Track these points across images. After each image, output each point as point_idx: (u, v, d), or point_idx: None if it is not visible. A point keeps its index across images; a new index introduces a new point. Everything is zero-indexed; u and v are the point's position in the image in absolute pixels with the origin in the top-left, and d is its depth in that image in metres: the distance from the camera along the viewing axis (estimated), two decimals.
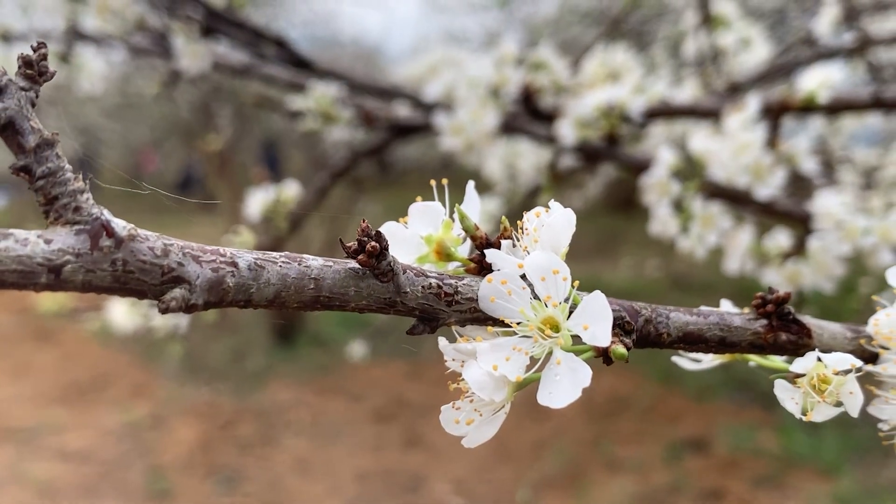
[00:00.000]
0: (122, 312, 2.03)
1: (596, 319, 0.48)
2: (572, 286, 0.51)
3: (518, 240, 0.56)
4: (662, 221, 1.49)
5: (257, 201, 1.81)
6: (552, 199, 0.55)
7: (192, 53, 1.72)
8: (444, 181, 0.60)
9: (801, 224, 1.49)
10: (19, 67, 0.44)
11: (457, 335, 0.55)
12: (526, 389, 0.53)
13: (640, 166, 1.60)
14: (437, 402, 0.53)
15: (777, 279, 1.47)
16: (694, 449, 3.99)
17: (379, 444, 4.08)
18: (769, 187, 1.45)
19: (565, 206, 0.55)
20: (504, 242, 0.56)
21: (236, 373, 5.05)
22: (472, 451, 0.55)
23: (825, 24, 2.12)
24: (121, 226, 0.44)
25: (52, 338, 5.56)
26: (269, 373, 5.06)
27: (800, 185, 1.73)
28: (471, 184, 0.59)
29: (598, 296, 0.49)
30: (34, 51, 0.45)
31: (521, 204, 2.31)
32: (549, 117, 1.80)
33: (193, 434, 4.13)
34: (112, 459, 3.84)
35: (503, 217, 0.56)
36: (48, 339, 5.55)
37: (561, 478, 3.73)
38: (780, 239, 1.52)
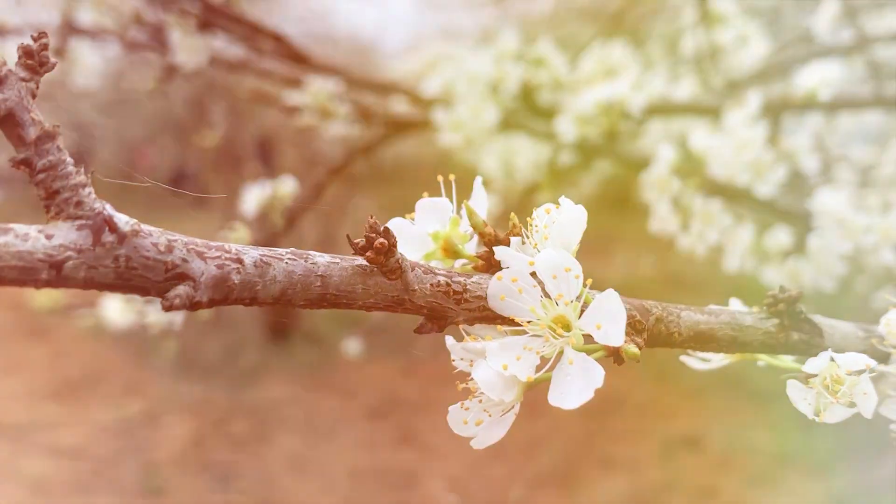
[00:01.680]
0: (116, 309, 2.02)
1: (609, 319, 0.47)
2: (584, 284, 0.50)
3: (527, 237, 0.55)
4: (663, 219, 1.48)
5: (254, 197, 1.79)
6: (563, 196, 0.53)
7: (190, 48, 1.70)
8: (452, 177, 0.59)
9: (802, 222, 1.48)
10: (19, 58, 0.43)
11: (464, 334, 0.54)
12: None
13: (640, 163, 1.59)
14: (431, 400, 0.52)
15: (777, 277, 1.46)
16: (688, 447, 3.99)
17: (373, 442, 4.07)
18: (770, 185, 1.45)
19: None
20: (513, 239, 0.55)
21: (230, 369, 5.03)
22: (466, 448, 0.54)
23: (825, 21, 2.11)
24: (123, 221, 0.43)
25: (45, 334, 5.53)
26: (262, 369, 5.04)
27: (795, 183, 1.73)
28: (478, 179, 0.58)
29: (611, 294, 0.48)
30: (35, 41, 0.43)
31: (518, 200, 2.30)
32: (548, 113, 1.79)
33: (187, 431, 4.11)
34: (105, 456, 3.82)
35: (512, 214, 0.55)
36: (41, 336, 5.52)
37: (555, 475, 3.72)
38: (781, 237, 1.51)
